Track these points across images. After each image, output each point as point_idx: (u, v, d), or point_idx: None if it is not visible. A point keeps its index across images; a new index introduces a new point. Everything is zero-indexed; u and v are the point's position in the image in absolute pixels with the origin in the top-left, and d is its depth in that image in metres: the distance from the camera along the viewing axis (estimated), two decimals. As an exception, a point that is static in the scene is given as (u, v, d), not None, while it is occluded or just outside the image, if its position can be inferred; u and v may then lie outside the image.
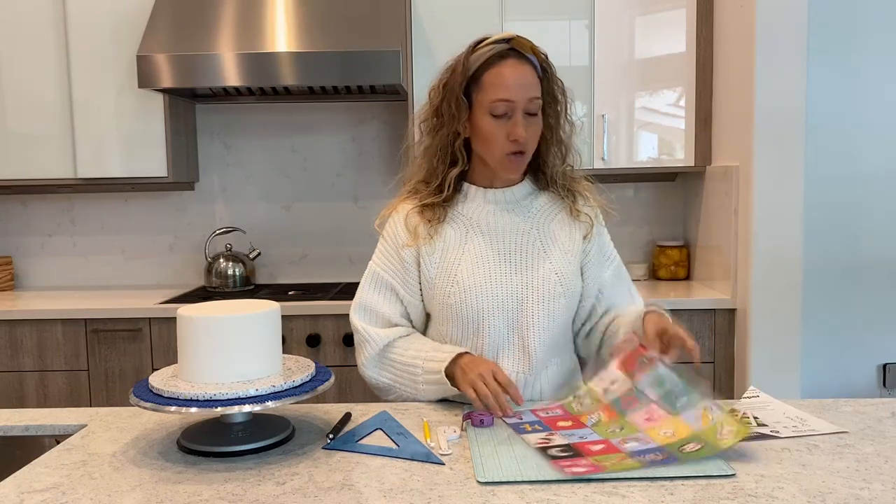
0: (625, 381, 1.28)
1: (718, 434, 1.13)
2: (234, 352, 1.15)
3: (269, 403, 1.10)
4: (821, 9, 2.80)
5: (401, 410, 1.37)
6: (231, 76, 2.56)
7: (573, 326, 1.54)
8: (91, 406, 2.57)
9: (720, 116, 2.72)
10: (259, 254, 3.09)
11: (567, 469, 1.07)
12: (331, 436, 1.21)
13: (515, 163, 1.41)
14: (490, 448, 1.16)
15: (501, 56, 1.38)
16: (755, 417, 1.29)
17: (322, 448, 1.18)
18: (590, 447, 1.16)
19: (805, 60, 2.42)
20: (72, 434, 1.29)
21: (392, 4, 2.66)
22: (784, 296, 2.47)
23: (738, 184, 2.54)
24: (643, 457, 1.11)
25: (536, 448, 1.16)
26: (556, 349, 1.48)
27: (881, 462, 1.10)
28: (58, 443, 1.29)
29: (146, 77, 2.57)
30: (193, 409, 1.09)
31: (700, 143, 2.79)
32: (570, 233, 1.49)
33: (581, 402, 1.31)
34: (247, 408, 1.10)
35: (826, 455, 1.13)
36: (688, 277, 3.02)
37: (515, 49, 1.38)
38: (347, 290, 2.86)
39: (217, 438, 1.18)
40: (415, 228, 1.47)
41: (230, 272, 2.99)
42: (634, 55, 2.79)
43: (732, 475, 1.04)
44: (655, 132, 2.84)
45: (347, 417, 1.31)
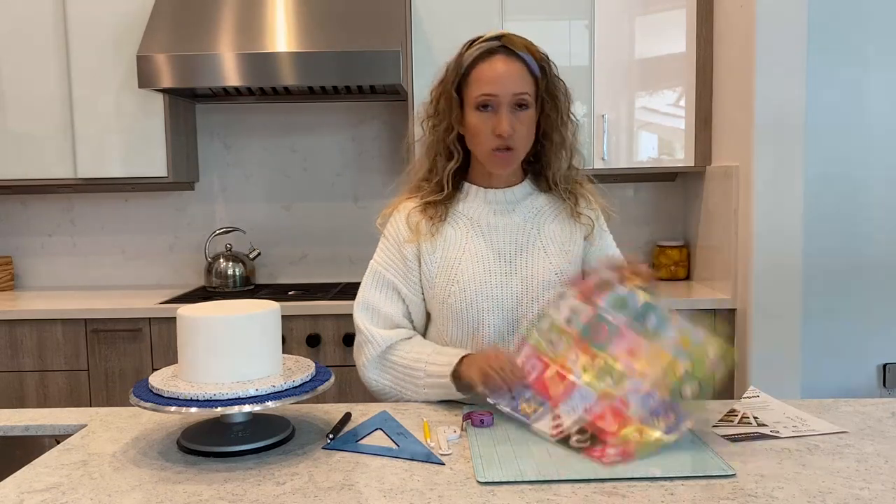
0: (586, 308, 1.29)
1: (708, 363, 1.17)
2: (234, 352, 1.15)
3: (269, 403, 1.11)
4: (821, 9, 2.80)
5: (401, 410, 1.37)
6: (231, 76, 2.56)
7: None
8: (91, 406, 2.57)
9: (720, 116, 2.72)
10: (259, 254, 3.09)
11: (604, 460, 1.10)
12: (331, 436, 1.21)
13: (502, 158, 1.41)
14: (490, 448, 1.16)
15: (491, 52, 1.40)
16: (755, 417, 1.30)
17: (322, 448, 1.18)
18: (602, 426, 1.17)
19: (805, 60, 2.42)
20: (72, 434, 1.29)
21: (392, 4, 2.66)
22: (784, 296, 2.47)
23: (738, 184, 2.54)
24: (656, 418, 1.15)
25: (557, 441, 1.18)
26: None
27: (881, 462, 1.10)
28: (58, 443, 1.29)
29: (146, 77, 2.57)
30: (193, 409, 1.09)
31: (700, 143, 2.79)
32: (571, 233, 1.50)
33: (548, 339, 1.30)
34: (247, 408, 1.10)
35: (826, 455, 1.13)
36: (688, 277, 3.02)
37: (506, 46, 1.40)
38: (347, 290, 2.86)
39: (217, 438, 1.18)
40: (416, 226, 1.47)
41: (230, 272, 2.99)
42: (634, 55, 2.79)
43: (732, 475, 1.04)
44: (655, 132, 2.84)
45: (347, 417, 1.31)
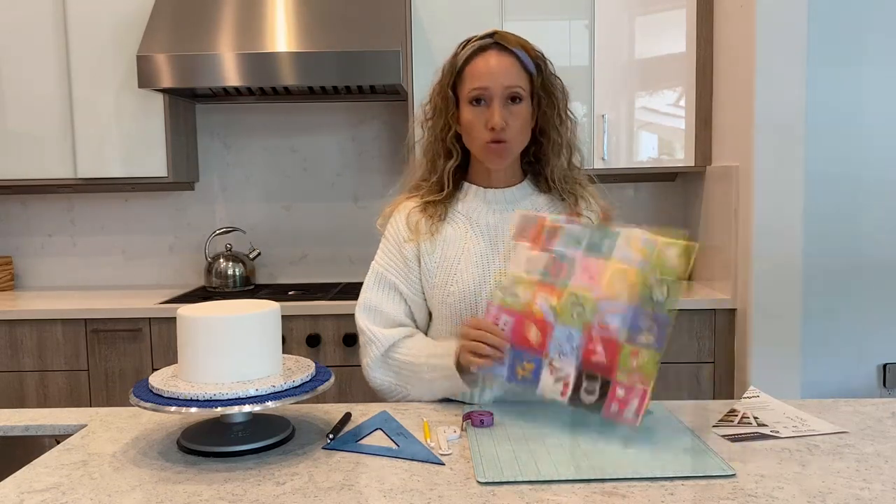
0: (540, 255, 1.29)
1: (670, 263, 1.19)
2: (234, 352, 1.15)
3: (269, 403, 1.10)
4: (821, 9, 2.80)
5: (401, 410, 1.37)
6: (231, 76, 2.56)
7: None
8: (91, 406, 2.57)
9: (720, 116, 2.72)
10: (259, 254, 3.09)
11: (627, 417, 1.17)
12: (331, 436, 1.21)
13: (495, 151, 1.41)
14: (490, 448, 1.16)
15: (483, 48, 1.41)
16: (755, 417, 1.30)
17: (322, 448, 1.18)
18: (597, 360, 1.20)
19: (805, 60, 2.42)
20: (72, 434, 1.29)
21: (392, 4, 2.66)
22: (784, 296, 2.47)
23: (738, 184, 2.54)
24: (641, 332, 1.18)
25: (571, 403, 1.22)
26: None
27: (881, 462, 1.10)
28: (58, 443, 1.28)
29: (146, 77, 2.57)
30: (193, 409, 1.09)
31: (700, 143, 2.79)
32: None
33: (512, 293, 1.28)
34: (247, 408, 1.10)
35: (826, 455, 1.13)
36: (688, 277, 3.02)
37: (499, 42, 1.41)
38: (347, 290, 2.86)
39: (217, 438, 1.18)
40: (416, 225, 1.47)
41: (230, 272, 2.99)
42: (634, 55, 2.79)
43: (732, 475, 1.04)
44: (655, 132, 2.84)
45: (347, 417, 1.31)
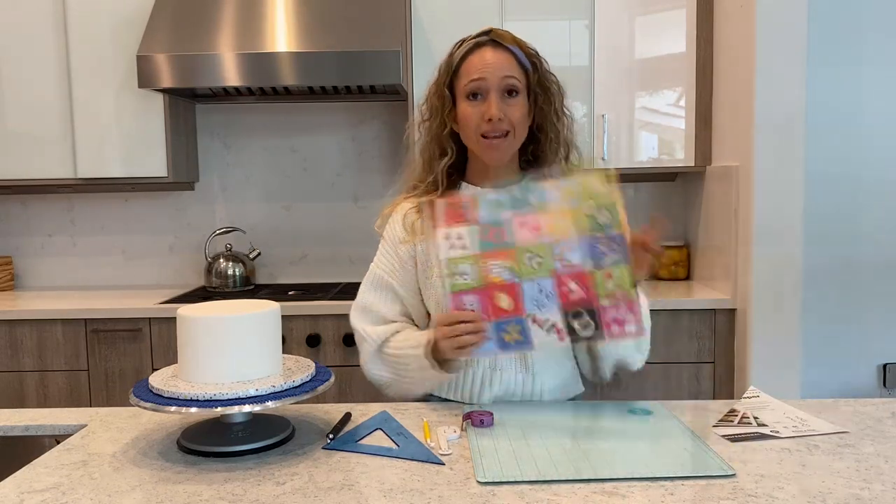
0: (469, 230, 1.27)
1: (600, 191, 1.23)
2: (234, 352, 1.15)
3: (269, 403, 1.11)
4: (821, 9, 2.80)
5: (401, 410, 1.37)
6: (231, 76, 2.56)
7: None
8: (91, 406, 2.57)
9: (720, 116, 2.72)
10: (259, 254, 3.09)
11: (626, 328, 1.21)
12: (331, 436, 1.21)
13: (493, 144, 1.40)
14: (490, 448, 1.16)
15: (479, 45, 1.42)
16: (755, 417, 1.30)
17: (322, 448, 1.18)
18: (575, 297, 1.22)
19: (805, 60, 2.42)
20: (72, 434, 1.29)
21: (392, 4, 2.66)
22: (784, 296, 2.47)
23: (738, 184, 2.54)
24: (604, 256, 1.21)
25: (571, 341, 1.24)
26: (553, 351, 1.48)
27: (881, 462, 1.10)
28: (58, 443, 1.29)
29: (146, 77, 2.57)
30: (193, 409, 1.09)
31: (700, 143, 2.79)
32: None
33: (459, 275, 1.26)
34: (247, 408, 1.10)
35: (826, 455, 1.13)
36: (688, 277, 3.02)
37: (494, 39, 1.42)
38: (347, 290, 2.86)
39: (217, 438, 1.18)
40: (412, 226, 1.47)
41: (230, 272, 2.99)
42: (634, 55, 2.79)
43: (732, 475, 1.05)
44: (655, 132, 2.84)
45: (347, 417, 1.31)
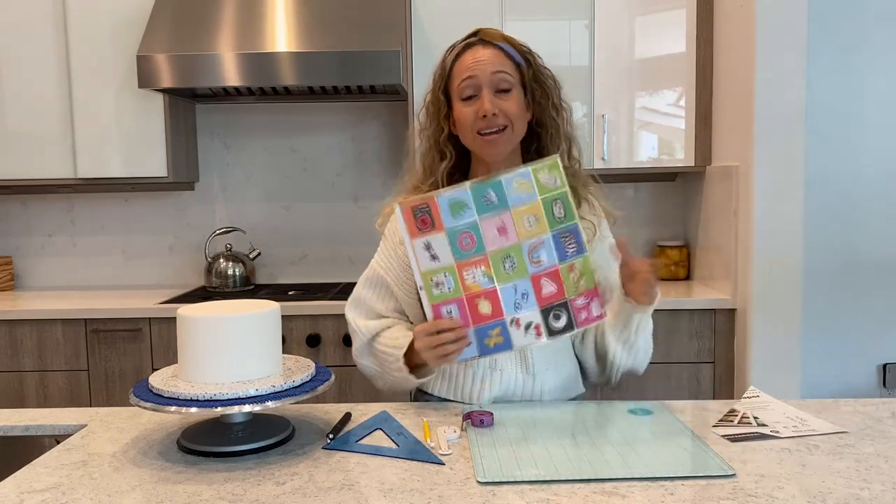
0: (436, 236, 1.28)
1: (550, 182, 1.26)
2: (234, 352, 1.15)
3: (269, 403, 1.11)
4: (821, 8, 2.80)
5: (401, 410, 1.37)
6: (231, 76, 2.56)
7: None
8: (91, 406, 2.56)
9: (720, 116, 2.72)
10: (259, 254, 3.09)
11: (591, 311, 1.26)
12: (331, 436, 1.21)
13: (490, 142, 1.40)
14: (490, 448, 1.16)
15: (468, 46, 1.43)
16: (755, 417, 1.30)
17: (322, 448, 1.18)
18: (549, 295, 1.25)
19: (805, 60, 2.42)
20: (72, 434, 1.29)
21: (392, 4, 2.66)
22: (784, 296, 2.47)
23: (738, 184, 2.54)
24: (565, 251, 1.26)
25: (549, 337, 1.27)
26: (554, 352, 1.47)
27: (881, 462, 1.10)
28: (58, 443, 1.29)
29: (146, 77, 2.57)
30: (193, 409, 1.09)
31: (700, 143, 2.79)
32: None
33: (437, 285, 1.28)
34: (247, 408, 1.10)
35: (826, 455, 1.13)
36: (688, 277, 3.02)
37: (483, 39, 1.43)
38: (347, 290, 2.83)
39: (217, 438, 1.18)
40: None
41: (230, 272, 2.99)
42: (634, 55, 2.79)
43: (732, 475, 1.04)
44: (655, 132, 2.84)
45: (347, 417, 1.31)
